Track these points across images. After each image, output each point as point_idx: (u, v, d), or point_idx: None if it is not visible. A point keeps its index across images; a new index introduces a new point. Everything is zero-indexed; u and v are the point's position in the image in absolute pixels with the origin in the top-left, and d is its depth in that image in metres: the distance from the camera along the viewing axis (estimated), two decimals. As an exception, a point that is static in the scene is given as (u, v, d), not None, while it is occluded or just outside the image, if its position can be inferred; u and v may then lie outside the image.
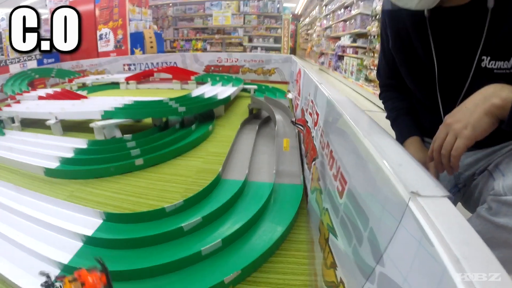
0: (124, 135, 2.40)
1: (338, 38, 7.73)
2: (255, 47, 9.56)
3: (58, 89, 4.04)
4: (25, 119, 2.99)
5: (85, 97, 3.52)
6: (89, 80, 5.48)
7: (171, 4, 9.79)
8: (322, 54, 10.08)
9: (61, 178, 1.90)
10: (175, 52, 8.75)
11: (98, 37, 7.10)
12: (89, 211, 1.40)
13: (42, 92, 3.92)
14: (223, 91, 3.69)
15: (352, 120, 0.75)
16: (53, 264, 1.10)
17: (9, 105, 3.23)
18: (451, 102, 0.74)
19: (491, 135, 0.57)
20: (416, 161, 0.53)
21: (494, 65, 0.65)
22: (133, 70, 6.38)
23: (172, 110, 2.66)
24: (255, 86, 4.49)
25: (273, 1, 9.17)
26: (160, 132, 2.50)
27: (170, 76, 5.44)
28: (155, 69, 5.91)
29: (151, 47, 7.17)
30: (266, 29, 9.47)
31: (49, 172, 1.92)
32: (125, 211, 1.55)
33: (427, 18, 0.72)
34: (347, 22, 6.82)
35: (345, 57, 6.86)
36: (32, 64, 5.69)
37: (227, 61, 6.06)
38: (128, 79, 5.28)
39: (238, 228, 1.23)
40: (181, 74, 5.38)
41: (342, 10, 7.25)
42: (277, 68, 5.75)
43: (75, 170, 1.93)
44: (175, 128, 2.58)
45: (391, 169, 0.48)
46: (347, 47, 6.78)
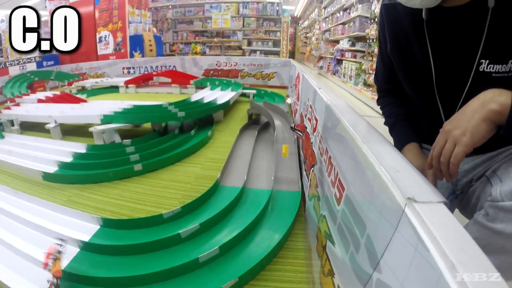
0: (124, 140, 2.40)
1: (337, 41, 7.76)
2: (254, 51, 9.60)
3: (57, 92, 4.04)
4: (25, 122, 2.99)
5: (85, 101, 3.53)
6: (89, 83, 5.49)
7: (170, 6, 9.85)
8: (321, 58, 10.12)
9: (59, 183, 1.90)
10: (174, 56, 8.80)
11: (97, 40, 7.11)
12: (86, 217, 1.40)
13: (41, 95, 3.92)
14: (222, 95, 3.70)
15: (351, 126, 0.75)
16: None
17: (8, 108, 3.23)
18: (450, 107, 0.74)
19: (489, 140, 0.57)
20: (413, 167, 0.53)
21: (493, 69, 0.65)
22: (132, 73, 6.38)
23: (171, 115, 2.66)
24: (254, 91, 4.49)
25: (273, 3, 9.23)
26: (159, 137, 2.49)
27: (169, 80, 5.44)
28: (154, 73, 5.92)
29: (151, 50, 7.19)
30: (265, 32, 9.53)
31: (47, 177, 1.91)
32: (123, 217, 1.54)
33: (425, 21, 0.71)
34: (346, 25, 6.86)
35: (343, 61, 6.88)
36: (32, 67, 5.69)
37: (226, 65, 6.07)
38: (127, 83, 5.29)
39: (235, 235, 1.23)
40: (180, 78, 5.39)
41: (341, 12, 7.29)
42: (276, 72, 5.76)
43: (73, 175, 1.93)
44: (175, 134, 2.59)
45: (388, 175, 0.49)
46: (346, 50, 6.81)
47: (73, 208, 1.48)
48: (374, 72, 1.05)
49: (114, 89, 5.35)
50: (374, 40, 4.87)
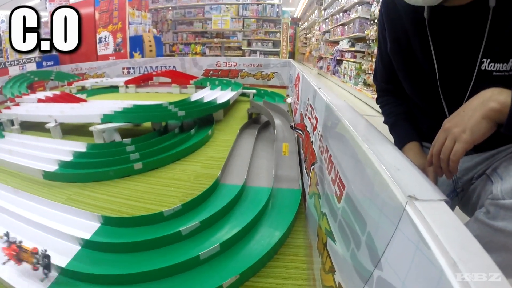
0: (124, 139, 2.40)
1: (337, 42, 7.77)
2: (254, 51, 9.60)
3: (57, 92, 4.04)
4: (25, 122, 2.99)
5: (85, 101, 3.52)
6: (88, 83, 5.48)
7: (170, 8, 9.85)
8: (320, 58, 10.12)
9: (60, 182, 1.90)
10: (174, 56, 8.79)
11: (97, 40, 7.10)
12: (87, 215, 1.40)
13: (41, 94, 3.92)
14: (222, 95, 3.70)
15: (351, 125, 0.75)
16: (51, 267, 1.09)
17: (8, 108, 3.23)
18: (454, 106, 0.74)
19: (489, 139, 0.58)
20: (414, 166, 0.53)
21: (493, 67, 0.65)
22: (132, 73, 6.37)
23: (171, 114, 2.67)
24: (254, 91, 4.49)
25: (272, 5, 9.23)
26: (159, 137, 2.49)
27: (169, 80, 5.44)
28: (154, 73, 5.92)
29: (150, 51, 7.18)
30: (265, 33, 9.53)
31: (47, 175, 1.91)
32: (123, 215, 1.55)
33: (426, 20, 0.71)
34: (346, 26, 6.86)
35: (343, 62, 6.89)
36: (32, 67, 5.68)
37: (226, 65, 6.07)
38: (127, 83, 5.29)
39: (236, 232, 1.23)
40: (180, 78, 5.38)
41: (341, 14, 7.29)
42: (276, 72, 5.76)
43: (73, 173, 1.93)
44: (175, 133, 2.59)
45: (388, 174, 0.49)
46: (346, 51, 6.81)
47: (74, 207, 1.48)
48: (373, 72, 1.05)
49: (114, 89, 5.35)
50: (374, 41, 4.88)
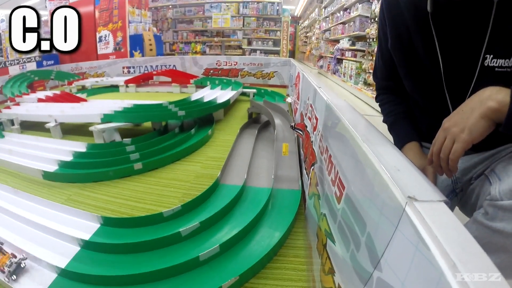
0: (124, 139, 2.40)
1: (337, 41, 7.76)
2: (254, 50, 9.59)
3: (57, 92, 4.04)
4: (25, 122, 2.99)
5: (85, 100, 3.53)
6: (89, 82, 5.49)
7: (170, 6, 9.84)
8: (321, 57, 10.11)
9: (59, 182, 1.90)
10: (174, 55, 8.79)
11: (97, 39, 7.10)
12: (86, 215, 1.40)
13: (41, 94, 3.93)
14: (222, 94, 3.70)
15: (351, 125, 0.74)
16: (50, 268, 1.09)
17: (8, 107, 3.23)
18: (457, 102, 0.73)
19: (488, 138, 0.57)
20: (414, 166, 0.53)
21: (496, 63, 0.64)
22: (132, 73, 6.39)
23: (171, 114, 2.66)
24: (254, 90, 4.49)
25: (273, 3, 9.22)
26: (159, 136, 2.49)
27: (169, 79, 5.44)
28: (155, 72, 5.92)
29: (151, 50, 7.19)
30: (265, 32, 9.52)
31: (47, 176, 1.91)
32: (123, 215, 1.55)
33: (430, 14, 0.70)
34: (346, 25, 6.85)
35: (344, 61, 6.87)
36: (32, 66, 5.69)
37: (226, 64, 6.07)
38: (127, 82, 5.29)
39: (236, 233, 1.23)
40: (180, 78, 5.39)
41: (342, 12, 7.27)
42: (276, 71, 5.76)
43: (73, 173, 1.93)
44: (175, 132, 2.59)
45: (388, 174, 0.48)
46: (346, 50, 6.80)
47: (73, 207, 1.48)
48: (372, 70, 1.04)
49: (114, 88, 5.35)
50: (374, 40, 4.87)
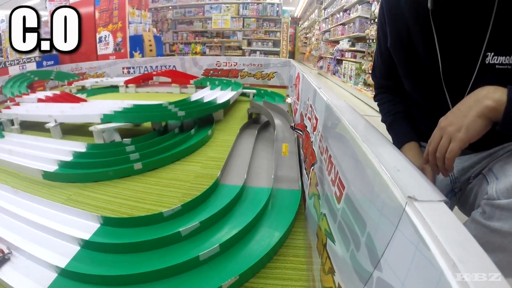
0: (124, 139, 2.40)
1: (337, 42, 7.76)
2: (254, 51, 9.59)
3: (57, 92, 4.04)
4: (25, 122, 2.99)
5: (85, 100, 3.53)
6: (88, 83, 5.49)
7: (170, 7, 9.85)
8: (320, 58, 10.11)
9: (59, 182, 1.90)
10: (174, 56, 8.80)
11: (97, 40, 7.10)
12: (86, 215, 1.40)
13: (41, 94, 3.93)
14: (222, 95, 3.70)
15: (351, 125, 0.75)
16: (50, 268, 1.09)
17: (8, 107, 3.23)
18: (457, 101, 0.73)
19: (486, 138, 0.57)
20: (413, 166, 0.53)
21: (497, 60, 0.64)
22: (132, 73, 6.38)
23: (171, 114, 2.66)
24: (254, 91, 4.49)
25: (273, 4, 9.23)
26: (159, 137, 2.49)
27: (169, 80, 5.44)
28: (154, 73, 5.92)
29: (150, 51, 7.18)
30: (265, 33, 9.52)
31: (47, 175, 1.91)
32: (123, 215, 1.54)
33: (430, 11, 0.70)
34: (346, 26, 6.86)
35: (343, 61, 6.88)
36: (32, 66, 5.69)
37: (226, 65, 6.07)
38: (127, 83, 5.29)
39: (236, 233, 1.23)
40: (180, 78, 5.39)
41: (341, 13, 7.28)
42: (276, 72, 5.76)
43: (73, 173, 1.93)
44: (175, 133, 2.59)
45: (388, 174, 0.49)
46: (346, 51, 6.80)
47: (73, 207, 1.48)
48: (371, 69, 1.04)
49: (114, 88, 5.35)
50: (374, 41, 4.87)
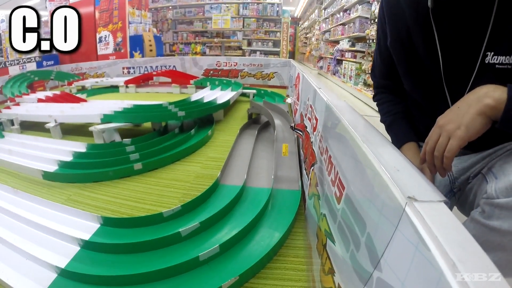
0: (124, 139, 2.40)
1: (337, 42, 7.77)
2: (254, 51, 9.60)
3: (57, 92, 4.04)
4: (25, 122, 2.99)
5: (85, 100, 3.53)
6: (89, 83, 5.49)
7: (170, 7, 9.85)
8: (320, 58, 10.12)
9: (59, 182, 1.90)
10: (174, 56, 8.80)
11: (97, 40, 7.10)
12: (86, 215, 1.40)
13: (41, 94, 3.93)
14: (222, 95, 3.70)
15: (351, 125, 0.75)
16: (50, 268, 1.09)
17: (8, 107, 3.23)
18: (455, 100, 0.73)
19: (485, 138, 0.57)
20: (413, 166, 0.53)
21: (496, 60, 0.64)
22: (132, 73, 6.38)
23: (171, 114, 2.66)
24: (254, 91, 4.49)
25: (273, 4, 9.23)
26: (159, 137, 2.49)
27: (169, 80, 5.44)
28: (154, 73, 5.92)
29: (151, 51, 7.19)
30: (265, 33, 9.53)
31: (47, 176, 1.91)
32: (123, 215, 1.54)
33: (430, 10, 0.70)
34: (346, 26, 6.86)
35: (343, 62, 6.88)
36: (32, 66, 5.69)
37: (226, 65, 6.07)
38: (127, 83, 5.29)
39: (235, 233, 1.23)
40: (180, 78, 5.39)
41: (341, 13, 7.28)
42: (276, 72, 5.76)
43: (73, 174, 1.93)
44: (175, 133, 2.59)
45: (388, 174, 0.49)
46: (346, 51, 6.81)
47: (73, 207, 1.48)
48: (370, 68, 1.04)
49: (114, 88, 5.35)
50: (374, 41, 4.87)
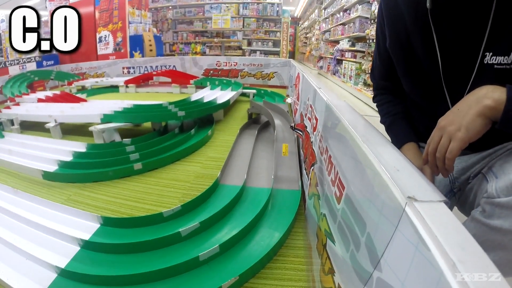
0: (124, 139, 2.40)
1: (337, 42, 7.76)
2: (254, 51, 9.59)
3: (57, 92, 4.04)
4: (25, 122, 2.99)
5: (85, 100, 3.53)
6: (89, 83, 5.49)
7: (170, 7, 9.85)
8: (320, 58, 10.11)
9: (59, 182, 1.90)
10: (174, 56, 8.80)
11: (97, 40, 7.10)
12: (86, 215, 1.40)
13: (41, 94, 3.93)
14: (222, 95, 3.70)
15: (351, 125, 0.75)
16: (50, 268, 1.09)
17: (8, 107, 3.23)
18: (456, 101, 0.73)
19: (486, 138, 0.57)
20: (413, 166, 0.53)
21: (495, 60, 0.64)
22: (132, 73, 6.39)
23: (171, 114, 2.66)
24: (254, 91, 4.49)
25: (273, 4, 9.23)
26: (159, 137, 2.49)
27: (169, 80, 5.45)
28: (154, 73, 5.92)
29: (151, 50, 7.19)
30: (265, 33, 9.52)
31: (47, 176, 1.91)
32: (123, 215, 1.54)
33: (429, 10, 0.70)
34: (346, 26, 6.86)
35: (343, 61, 6.88)
36: (32, 66, 5.69)
37: (226, 65, 6.07)
38: (127, 83, 5.29)
39: (235, 233, 1.23)
40: (180, 78, 5.39)
41: (341, 13, 7.28)
42: (276, 72, 5.76)
43: (73, 173, 1.93)
44: (175, 133, 2.59)
45: (388, 174, 0.49)
46: (346, 51, 6.80)
47: (73, 207, 1.48)
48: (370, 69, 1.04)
49: (114, 88, 5.35)
50: (374, 40, 4.87)
